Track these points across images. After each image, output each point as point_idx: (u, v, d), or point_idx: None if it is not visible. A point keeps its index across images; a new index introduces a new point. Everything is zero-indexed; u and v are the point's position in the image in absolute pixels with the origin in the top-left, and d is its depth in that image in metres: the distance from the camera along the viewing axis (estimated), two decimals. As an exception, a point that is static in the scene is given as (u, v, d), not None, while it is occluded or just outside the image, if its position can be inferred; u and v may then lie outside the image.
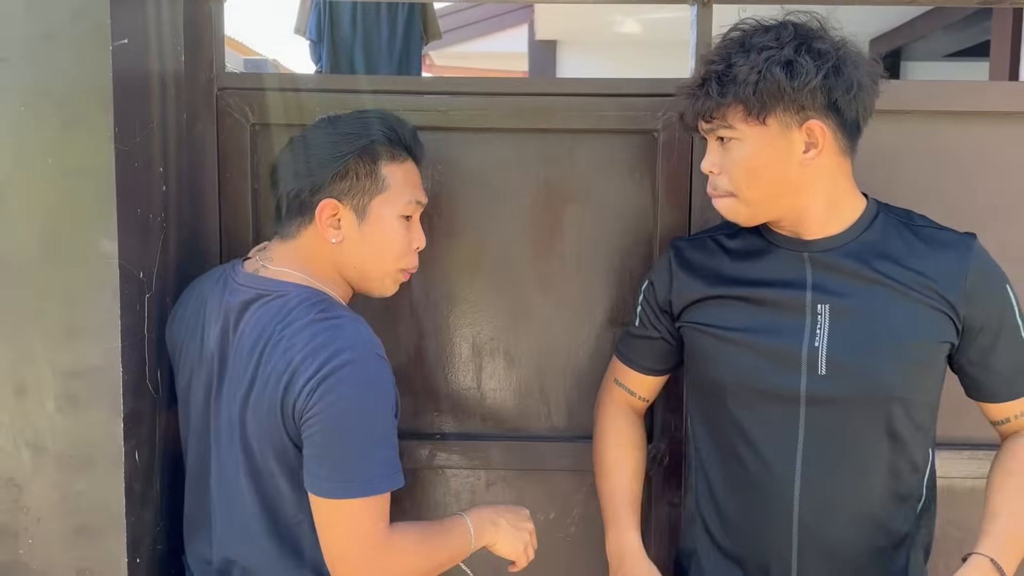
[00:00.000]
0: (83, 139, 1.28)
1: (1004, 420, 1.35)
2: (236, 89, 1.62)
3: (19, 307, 1.31)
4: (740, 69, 1.20)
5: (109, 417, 1.32)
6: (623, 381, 1.50)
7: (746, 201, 1.28)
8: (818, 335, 1.26)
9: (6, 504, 1.34)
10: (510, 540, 1.38)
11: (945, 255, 1.28)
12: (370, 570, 1.24)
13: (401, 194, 1.35)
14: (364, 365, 1.23)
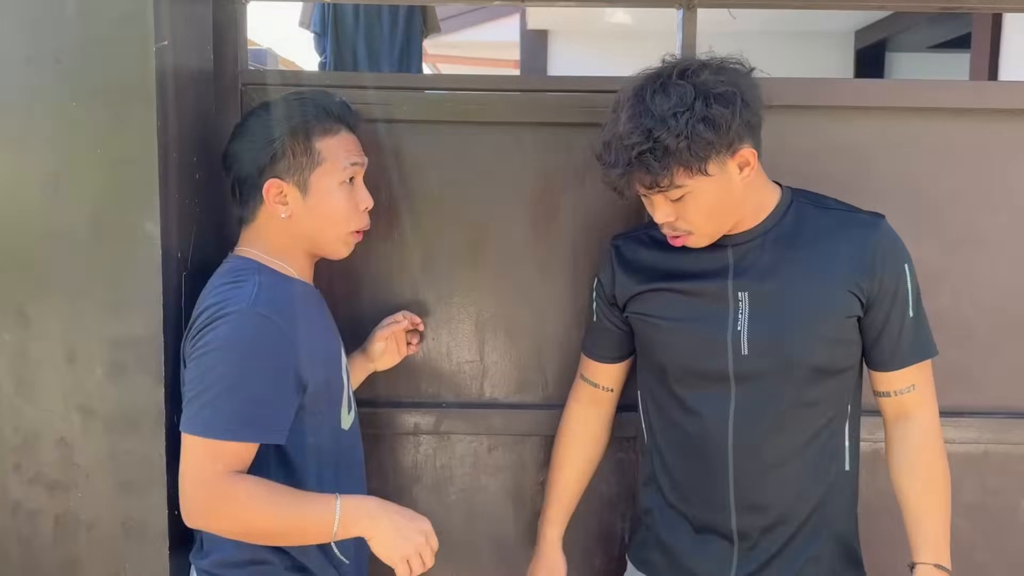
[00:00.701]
0: (129, 132, 1.43)
1: (885, 393, 1.47)
2: (258, 84, 1.75)
3: (71, 283, 1.45)
4: (668, 142, 1.28)
5: (152, 383, 1.46)
6: (587, 375, 1.64)
7: (705, 234, 1.41)
8: (740, 320, 1.41)
9: (58, 461, 1.49)
10: (389, 542, 1.32)
11: (853, 234, 1.41)
12: (200, 508, 1.30)
13: (338, 163, 1.44)
14: (240, 320, 1.32)
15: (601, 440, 1.66)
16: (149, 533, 1.49)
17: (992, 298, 1.77)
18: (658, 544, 1.54)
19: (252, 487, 1.30)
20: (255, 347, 1.32)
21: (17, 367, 1.47)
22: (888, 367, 1.45)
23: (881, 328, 1.42)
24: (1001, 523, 1.82)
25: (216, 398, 1.29)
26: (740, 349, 1.41)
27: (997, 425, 1.78)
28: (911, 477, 1.46)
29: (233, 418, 1.29)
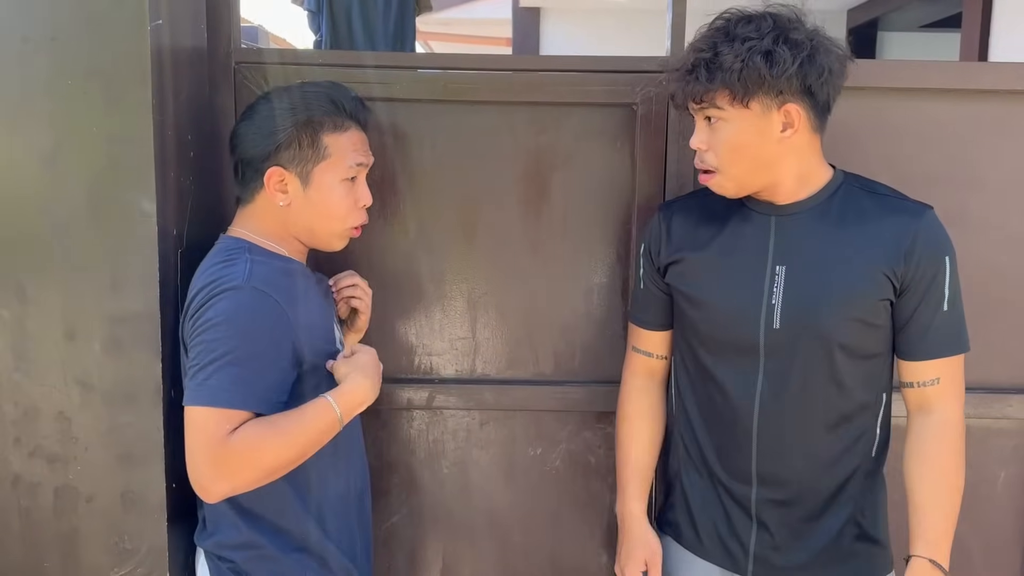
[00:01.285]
0: (125, 111, 1.44)
1: (910, 384, 1.47)
2: (251, 63, 1.76)
3: (69, 260, 1.47)
4: (725, 57, 1.33)
5: (150, 358, 1.49)
6: (639, 345, 1.64)
7: (730, 176, 1.42)
8: (775, 294, 1.42)
9: (57, 435, 1.51)
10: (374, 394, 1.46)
11: (897, 220, 1.41)
12: (219, 473, 1.31)
13: (343, 160, 1.46)
14: (237, 294, 1.34)
15: (662, 410, 1.65)
16: (148, 505, 1.52)
17: (975, 277, 1.80)
18: (684, 507, 1.57)
19: (254, 432, 1.32)
20: (254, 320, 1.35)
21: (16, 343, 1.49)
22: (913, 357, 1.45)
23: (910, 316, 1.42)
24: (980, 495, 1.87)
25: (220, 369, 1.31)
26: (772, 322, 1.43)
27: (978, 400, 1.82)
28: (921, 469, 1.45)
29: (237, 388, 1.32)
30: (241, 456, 1.31)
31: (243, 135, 1.46)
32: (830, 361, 1.42)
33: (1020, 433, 1.85)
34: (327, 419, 1.39)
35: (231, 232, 1.49)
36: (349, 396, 1.42)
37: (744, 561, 1.50)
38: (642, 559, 1.57)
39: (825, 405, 1.44)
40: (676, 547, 1.59)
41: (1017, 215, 1.80)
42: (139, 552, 1.53)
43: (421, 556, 1.91)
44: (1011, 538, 1.89)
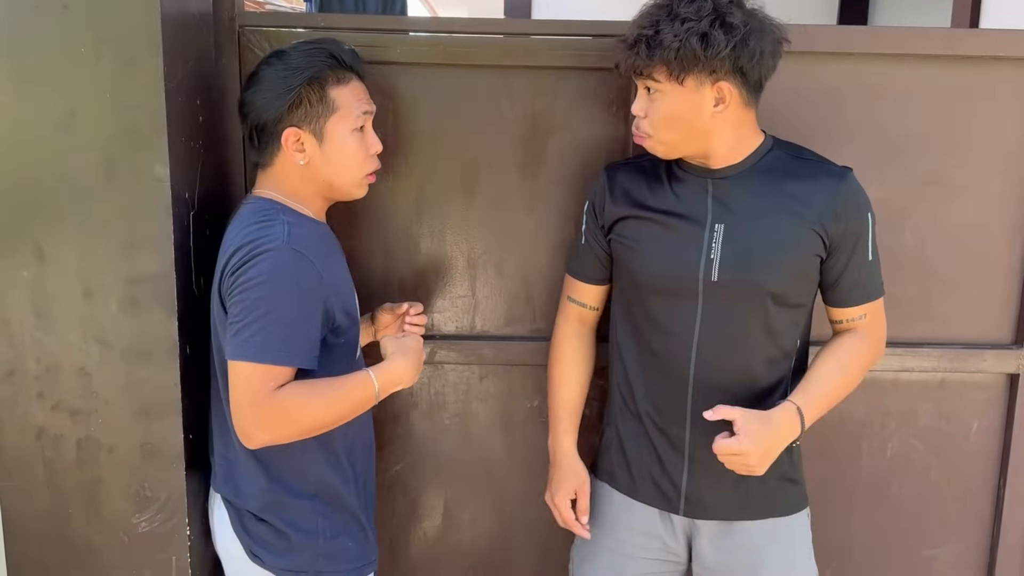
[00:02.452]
0: (137, 77, 1.48)
1: (839, 321, 1.62)
2: (254, 27, 1.79)
3: (86, 223, 1.52)
4: (665, 36, 1.42)
5: (165, 316, 1.55)
6: (574, 296, 1.74)
7: (660, 141, 1.52)
8: (713, 249, 1.52)
9: (79, 389, 1.59)
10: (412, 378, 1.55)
11: (823, 183, 1.52)
12: (263, 426, 1.41)
13: (350, 110, 1.51)
14: (278, 255, 1.40)
15: (592, 357, 1.76)
16: (166, 455, 1.60)
17: (953, 237, 1.88)
18: (620, 454, 1.68)
19: (299, 392, 1.42)
20: (296, 280, 1.41)
21: (37, 302, 1.55)
22: (846, 303, 1.58)
23: (843, 269, 1.54)
24: (955, 445, 1.97)
25: (265, 327, 1.38)
26: (711, 276, 1.53)
27: (954, 355, 1.91)
28: (830, 356, 1.58)
29: (281, 343, 1.39)
30: (285, 414, 1.41)
31: (252, 102, 1.50)
32: (763, 310, 1.53)
33: (993, 386, 1.95)
34: (366, 392, 1.49)
35: (258, 193, 1.54)
36: (389, 375, 1.52)
37: (676, 500, 1.61)
38: (572, 488, 1.70)
39: (755, 351, 1.55)
40: (611, 492, 1.70)
41: (997, 177, 1.86)
42: (159, 499, 1.62)
43: (423, 502, 2.00)
44: (982, 484, 1.99)
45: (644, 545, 1.66)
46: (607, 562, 1.69)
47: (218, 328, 1.50)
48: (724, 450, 1.46)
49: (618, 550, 1.67)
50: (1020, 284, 1.91)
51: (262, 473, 1.53)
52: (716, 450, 1.47)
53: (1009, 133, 1.84)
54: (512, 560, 2.03)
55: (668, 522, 1.64)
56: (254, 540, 1.55)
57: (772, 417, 1.49)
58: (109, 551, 1.65)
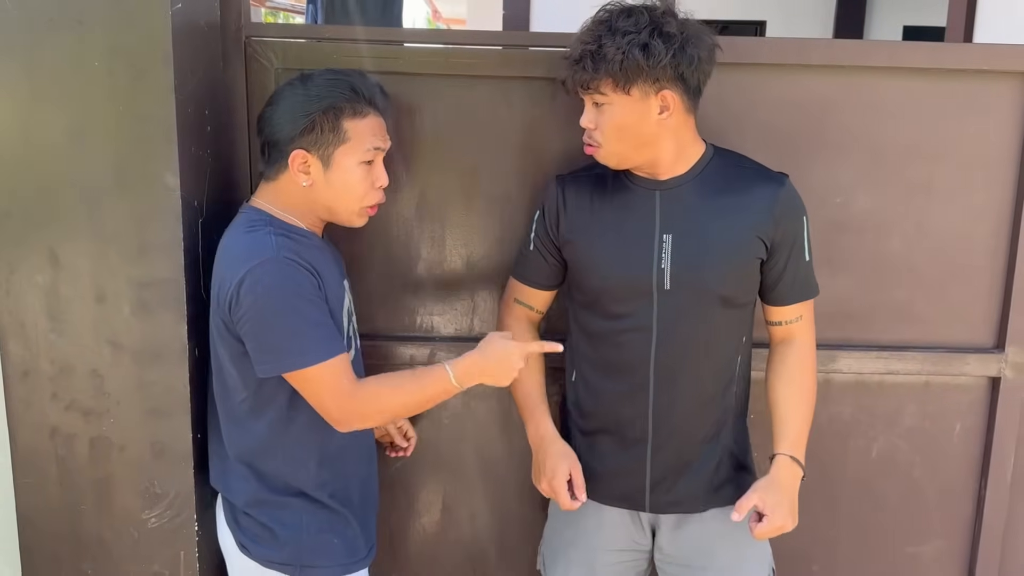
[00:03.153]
0: (148, 89, 1.54)
1: (777, 322, 1.70)
2: (260, 37, 1.84)
3: (99, 229, 1.58)
4: (608, 50, 1.49)
5: (175, 320, 1.61)
6: (522, 299, 1.79)
7: (612, 152, 1.59)
8: (664, 259, 1.59)
9: (91, 390, 1.64)
10: (496, 379, 1.57)
11: (762, 189, 1.60)
12: (348, 411, 1.51)
13: (361, 144, 1.54)
14: (269, 266, 1.45)
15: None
16: (175, 454, 1.66)
17: (938, 243, 1.94)
18: (585, 462, 1.72)
19: (378, 384, 1.54)
20: (299, 285, 1.47)
21: (51, 305, 1.61)
22: (785, 302, 1.67)
23: (782, 269, 1.63)
24: (938, 445, 2.03)
25: (298, 335, 1.46)
26: (663, 284, 1.60)
27: (938, 358, 1.97)
28: (786, 386, 1.68)
29: (321, 341, 1.48)
30: (368, 404, 1.53)
31: (269, 119, 1.55)
32: (714, 312, 1.61)
33: (976, 389, 2.01)
34: (442, 384, 1.55)
35: (254, 203, 1.59)
36: (465, 367, 1.56)
37: (642, 499, 1.69)
38: (567, 469, 1.68)
39: (708, 352, 1.63)
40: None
41: (981, 186, 1.92)
42: (168, 496, 1.68)
43: (423, 498, 2.06)
44: (965, 484, 2.05)
45: (612, 537, 1.73)
46: (577, 559, 1.75)
47: (216, 337, 1.55)
48: (767, 535, 1.58)
49: (585, 544, 1.74)
50: (1002, 290, 1.96)
51: (250, 474, 1.59)
52: (759, 536, 1.57)
53: (993, 144, 1.90)
54: (508, 554, 2.09)
55: (635, 517, 1.72)
56: (243, 532, 1.62)
57: (780, 481, 1.60)
58: (119, 546, 1.71)
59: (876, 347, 1.98)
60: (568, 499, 1.72)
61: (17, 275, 1.60)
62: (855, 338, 1.96)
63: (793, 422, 1.65)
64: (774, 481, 1.60)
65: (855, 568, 2.09)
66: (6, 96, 1.54)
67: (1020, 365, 1.96)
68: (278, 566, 1.61)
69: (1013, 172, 1.92)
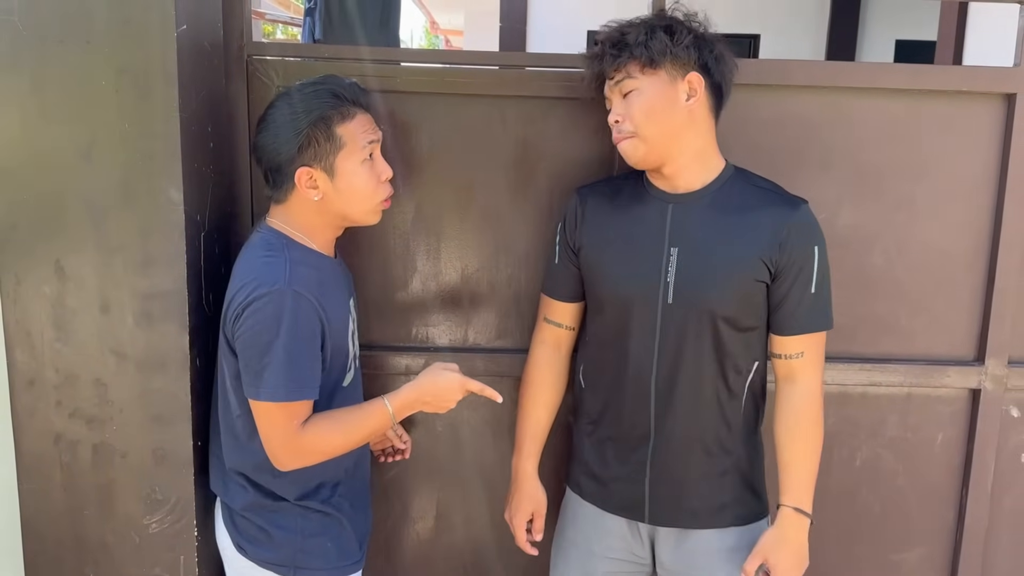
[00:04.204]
0: (154, 108, 1.59)
1: (779, 355, 1.68)
2: (262, 56, 1.89)
3: (104, 243, 1.63)
4: (630, 36, 1.58)
5: (177, 330, 1.66)
6: (550, 316, 1.84)
7: (644, 138, 1.60)
8: (669, 272, 1.62)
9: (95, 398, 1.69)
10: (436, 408, 1.64)
11: (775, 212, 1.61)
12: (292, 459, 1.56)
13: (357, 144, 1.57)
14: (277, 298, 1.48)
15: (564, 378, 1.86)
16: (176, 460, 1.71)
17: (920, 259, 1.99)
18: (588, 467, 1.79)
19: (320, 426, 1.55)
20: (297, 321, 1.50)
21: (57, 316, 1.65)
22: (782, 332, 1.65)
23: (783, 297, 1.62)
24: (920, 455, 2.08)
25: (277, 369, 1.49)
26: (667, 298, 1.63)
27: (920, 370, 2.02)
28: (788, 433, 1.67)
29: (291, 383, 1.50)
30: (310, 446, 1.55)
31: (264, 146, 1.58)
32: (715, 331, 1.63)
33: (957, 400, 2.06)
34: (381, 419, 1.60)
35: (271, 223, 1.62)
36: (403, 400, 1.61)
37: (641, 509, 1.71)
38: (528, 511, 1.82)
39: (710, 369, 1.65)
40: (582, 503, 1.80)
41: (960, 203, 1.98)
42: (169, 502, 1.72)
43: (417, 505, 2.11)
44: (947, 492, 2.10)
45: (611, 546, 1.76)
46: (575, 558, 1.80)
47: (221, 352, 1.61)
48: None
49: (585, 548, 1.78)
50: (982, 304, 2.02)
51: (247, 483, 1.64)
52: None
53: (971, 162, 1.96)
54: (501, 560, 2.14)
55: (634, 528, 1.74)
56: (240, 534, 1.66)
57: (784, 535, 1.63)
58: (121, 550, 1.75)
59: (859, 359, 2.03)
60: (523, 539, 1.83)
61: (24, 286, 1.65)
62: (839, 351, 2.01)
63: (796, 472, 1.65)
64: (778, 537, 1.62)
65: (841, 574, 2.14)
66: (16, 112, 1.59)
67: (999, 377, 2.02)
68: (274, 567, 1.65)
69: (992, 190, 1.97)
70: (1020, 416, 2.07)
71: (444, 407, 1.64)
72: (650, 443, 1.69)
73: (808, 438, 1.67)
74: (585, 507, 1.80)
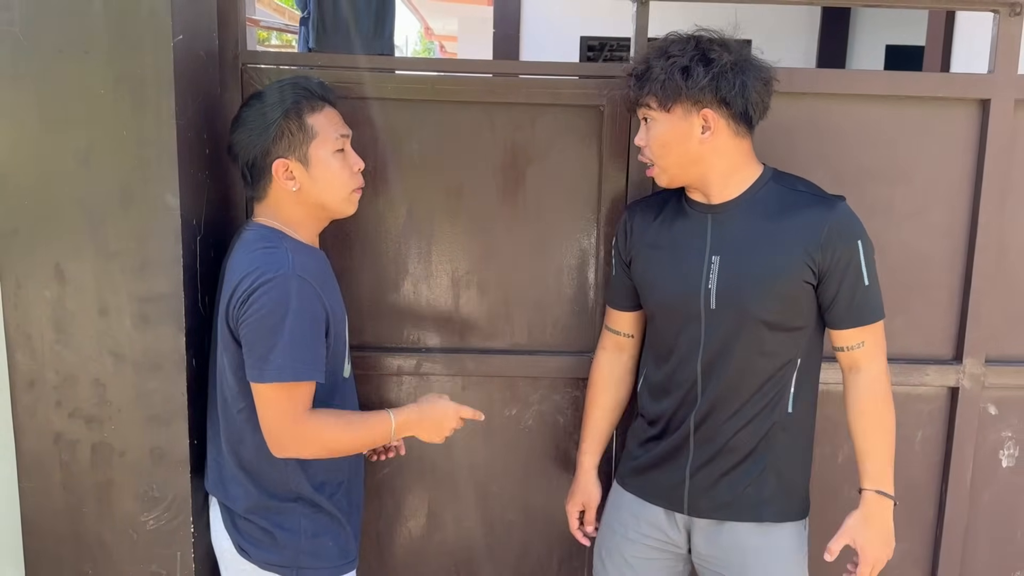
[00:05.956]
0: (151, 115, 1.63)
1: (840, 348, 1.72)
2: (256, 65, 1.94)
3: (103, 246, 1.67)
4: (654, 70, 1.64)
5: (174, 332, 1.70)
6: (610, 324, 1.92)
7: (662, 168, 1.70)
8: (711, 279, 1.68)
9: (94, 398, 1.73)
10: (431, 436, 1.71)
11: (814, 213, 1.65)
12: (291, 437, 1.58)
13: (328, 134, 1.63)
14: (282, 282, 1.53)
15: (626, 382, 1.93)
16: (173, 459, 1.75)
17: (898, 261, 2.04)
18: (633, 459, 1.86)
19: (326, 418, 1.60)
20: (301, 305, 1.54)
21: (57, 318, 1.70)
22: (842, 326, 1.69)
23: (835, 294, 1.66)
24: (900, 452, 2.09)
25: (282, 351, 1.53)
26: (710, 304, 1.69)
27: (899, 369, 2.06)
28: (860, 419, 1.72)
29: (298, 363, 1.54)
30: (313, 434, 1.59)
31: (239, 142, 1.64)
32: (758, 334, 1.67)
33: (935, 398, 2.11)
34: (384, 430, 1.65)
35: (258, 220, 1.66)
36: (405, 419, 1.67)
37: (681, 501, 1.77)
38: (580, 502, 1.94)
39: (752, 369, 1.69)
40: (623, 494, 1.87)
41: (938, 207, 2.03)
42: (166, 499, 1.76)
43: (409, 504, 2.15)
44: (926, 489, 2.15)
45: (647, 533, 1.82)
46: (615, 544, 1.86)
47: (220, 347, 1.64)
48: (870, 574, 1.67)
49: (622, 533, 1.85)
50: (960, 305, 2.07)
51: (248, 480, 1.67)
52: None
53: (949, 166, 2.01)
54: (491, 557, 2.18)
55: (672, 518, 1.80)
56: (242, 536, 1.69)
57: (868, 515, 1.70)
58: (119, 547, 1.79)
59: (840, 359, 2.08)
60: (575, 526, 1.94)
61: (25, 289, 1.69)
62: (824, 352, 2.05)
63: (872, 456, 1.71)
64: (864, 519, 1.70)
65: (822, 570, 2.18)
66: (17, 120, 1.63)
67: (977, 376, 2.07)
68: (277, 568, 1.68)
69: (968, 193, 2.02)
70: (998, 413, 2.12)
71: (440, 434, 1.71)
72: (691, 438, 1.74)
73: (880, 421, 1.72)
74: (626, 497, 1.86)
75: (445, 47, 15.12)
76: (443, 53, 15.27)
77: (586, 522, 1.95)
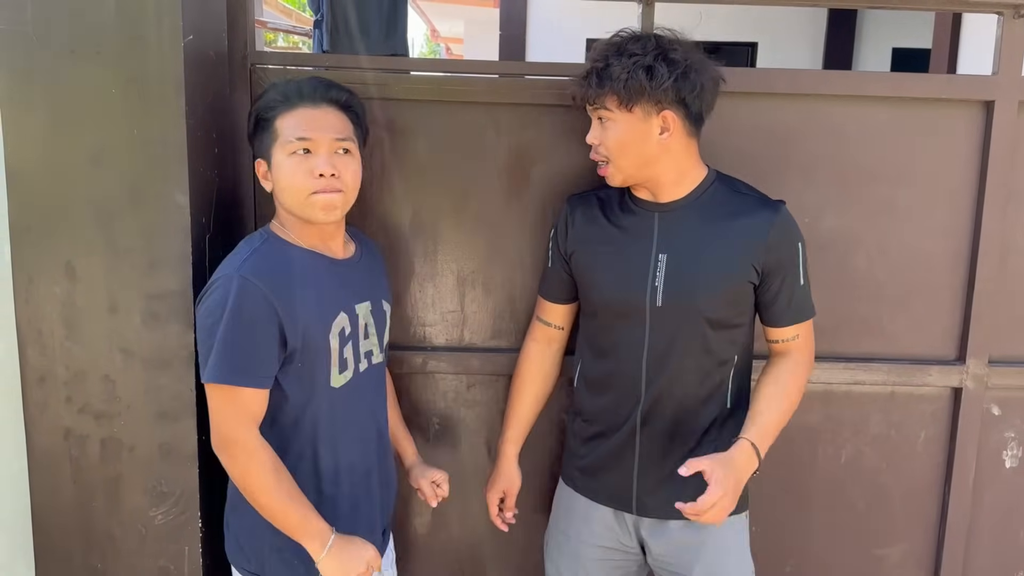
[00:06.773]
0: (161, 116, 1.65)
1: (775, 341, 1.77)
2: (264, 65, 1.96)
3: (114, 244, 1.69)
4: (614, 69, 1.61)
5: (183, 330, 1.72)
6: (541, 315, 1.93)
7: (619, 168, 1.69)
8: (657, 277, 1.69)
9: (104, 394, 1.75)
10: (331, 570, 1.58)
11: (757, 215, 1.68)
12: (221, 443, 1.54)
13: (287, 138, 1.56)
14: (225, 284, 1.50)
15: (552, 375, 1.96)
16: (181, 455, 1.77)
17: (901, 261, 2.06)
18: (578, 458, 1.86)
19: (266, 459, 1.53)
20: (237, 306, 1.49)
21: (67, 315, 1.72)
22: (780, 323, 1.74)
23: (777, 292, 1.70)
24: (903, 452, 2.14)
25: (218, 353, 1.50)
26: (656, 301, 1.70)
27: (902, 369, 2.08)
28: (771, 386, 1.72)
29: (225, 367, 1.50)
30: (240, 458, 1.53)
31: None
32: (702, 332, 1.70)
33: (938, 399, 2.12)
34: (304, 530, 1.56)
35: (272, 222, 1.67)
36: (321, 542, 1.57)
37: (629, 501, 1.79)
38: (500, 489, 1.96)
39: (695, 366, 1.72)
40: (573, 495, 1.88)
41: (941, 207, 2.04)
42: (174, 494, 1.78)
43: (415, 501, 2.17)
44: (929, 489, 2.16)
45: (600, 534, 1.83)
46: (567, 548, 1.87)
47: None
48: (702, 508, 1.53)
49: (576, 538, 1.86)
50: (963, 305, 2.08)
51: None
52: (692, 511, 1.54)
53: (952, 167, 2.02)
54: (495, 554, 2.19)
55: (621, 519, 1.82)
56: (229, 537, 1.71)
57: (734, 459, 1.61)
58: (128, 542, 1.81)
59: (843, 359, 2.10)
60: (495, 513, 1.95)
61: (36, 285, 1.71)
62: (823, 350, 2.06)
63: (766, 416, 1.68)
64: (729, 458, 1.60)
65: (826, 569, 2.20)
66: (29, 120, 1.66)
67: (980, 376, 2.08)
68: (248, 575, 1.67)
69: (972, 194, 2.04)
70: (1001, 414, 2.13)
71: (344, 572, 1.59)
72: (637, 437, 1.76)
73: (787, 397, 1.72)
74: (576, 499, 1.87)
75: (451, 49, 15.15)
76: (449, 55, 15.30)
77: (506, 508, 1.97)
